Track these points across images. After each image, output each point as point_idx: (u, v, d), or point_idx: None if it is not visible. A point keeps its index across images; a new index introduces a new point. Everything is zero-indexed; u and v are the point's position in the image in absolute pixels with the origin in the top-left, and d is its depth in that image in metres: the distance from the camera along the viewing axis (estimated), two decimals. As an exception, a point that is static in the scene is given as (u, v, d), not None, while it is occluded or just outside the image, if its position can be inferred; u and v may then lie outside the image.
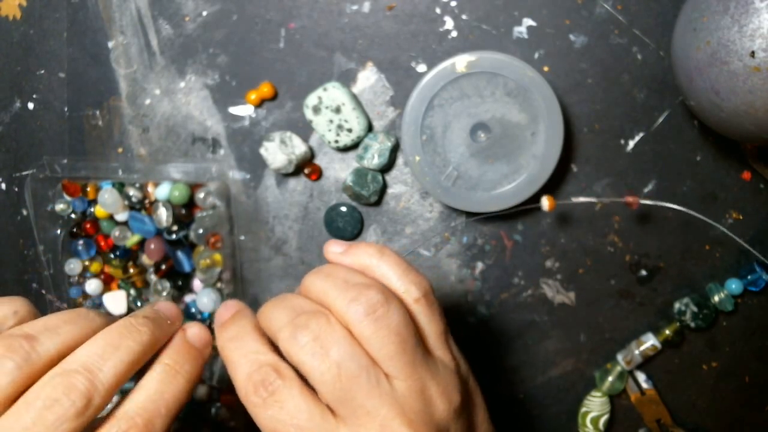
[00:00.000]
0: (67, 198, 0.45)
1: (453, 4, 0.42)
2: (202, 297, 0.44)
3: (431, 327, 0.30)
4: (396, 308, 0.28)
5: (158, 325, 0.30)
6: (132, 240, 0.44)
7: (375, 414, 0.27)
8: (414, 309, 0.30)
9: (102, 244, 0.45)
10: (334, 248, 0.32)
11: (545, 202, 0.39)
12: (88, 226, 0.45)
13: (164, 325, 0.31)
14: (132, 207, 0.44)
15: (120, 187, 0.44)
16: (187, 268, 0.45)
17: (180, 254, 0.44)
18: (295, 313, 0.29)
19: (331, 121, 0.42)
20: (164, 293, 0.44)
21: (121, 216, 0.44)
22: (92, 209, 0.45)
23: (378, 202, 0.45)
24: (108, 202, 0.43)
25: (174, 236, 0.43)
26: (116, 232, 0.44)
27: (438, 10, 0.43)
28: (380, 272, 0.31)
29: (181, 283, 0.45)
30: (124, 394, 0.29)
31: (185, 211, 0.44)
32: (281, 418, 0.27)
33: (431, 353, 0.30)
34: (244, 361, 0.29)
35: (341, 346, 0.28)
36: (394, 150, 0.43)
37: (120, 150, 0.45)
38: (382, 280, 0.31)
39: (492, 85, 0.39)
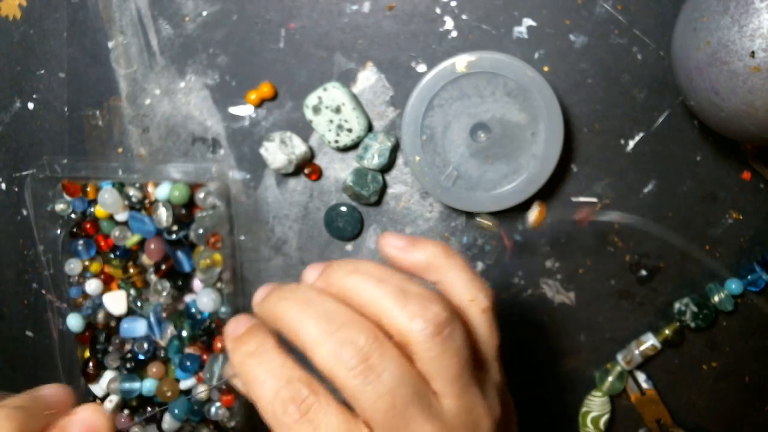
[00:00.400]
0: (67, 198, 0.45)
1: (453, 4, 0.42)
2: (202, 297, 0.44)
3: (491, 340, 0.28)
4: (460, 327, 0.26)
5: (31, 416, 0.25)
6: (132, 240, 0.44)
7: None
8: (478, 320, 0.28)
9: (102, 244, 0.45)
10: (395, 242, 0.29)
11: (533, 214, 0.38)
12: (88, 226, 0.45)
13: (39, 415, 0.26)
14: (132, 207, 0.44)
15: (120, 187, 0.44)
16: (187, 268, 0.45)
17: (180, 254, 0.44)
18: (334, 324, 0.25)
19: (331, 121, 0.42)
20: (164, 293, 0.44)
21: (121, 216, 0.44)
22: (92, 209, 0.45)
23: (378, 202, 0.45)
24: (108, 202, 0.43)
25: (174, 236, 0.43)
26: (116, 232, 0.44)
27: (438, 10, 0.43)
28: (447, 275, 0.28)
29: (181, 283, 0.45)
30: None
31: (185, 211, 0.44)
32: None
33: (482, 368, 0.28)
34: (270, 376, 0.26)
35: (394, 368, 0.24)
36: (394, 150, 0.43)
37: (120, 150, 0.45)
38: (447, 285, 0.28)
39: (492, 85, 0.39)
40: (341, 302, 0.26)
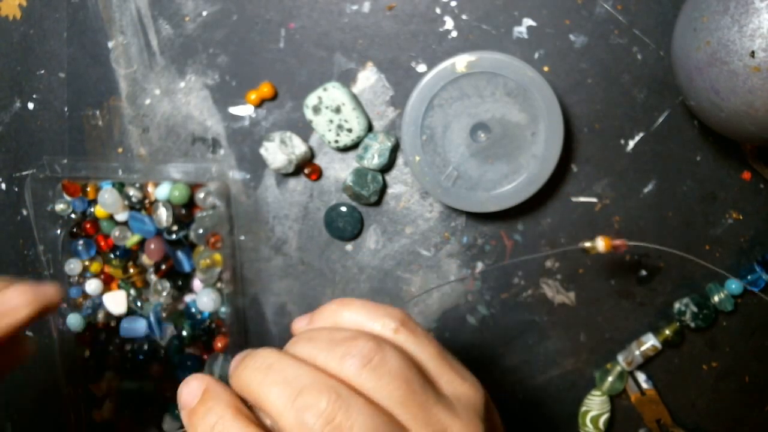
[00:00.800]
0: (67, 198, 0.45)
1: (453, 4, 0.42)
2: (202, 297, 0.44)
3: (424, 352, 0.28)
4: (391, 350, 0.26)
5: None
6: (132, 240, 0.44)
7: None
8: (399, 341, 0.28)
9: (102, 244, 0.45)
10: (300, 323, 0.30)
11: (600, 243, 0.36)
12: (88, 226, 0.45)
13: None
14: (132, 207, 0.44)
15: (120, 186, 0.44)
16: (187, 268, 0.45)
17: (180, 254, 0.44)
18: (294, 388, 0.25)
19: (331, 121, 0.42)
20: (164, 293, 0.44)
21: (121, 216, 0.44)
22: (92, 209, 0.45)
23: (378, 202, 0.45)
24: (108, 202, 0.43)
25: (174, 236, 0.43)
26: (116, 232, 0.44)
27: (438, 10, 0.43)
28: (350, 321, 0.28)
29: (181, 283, 0.45)
30: None
31: (185, 211, 0.44)
32: None
33: (438, 386, 0.28)
34: None
35: (362, 421, 0.24)
36: (394, 150, 0.43)
37: (120, 150, 0.45)
38: (356, 328, 0.28)
39: (492, 85, 0.39)
40: (303, 364, 0.26)
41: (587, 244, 0.36)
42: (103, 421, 0.46)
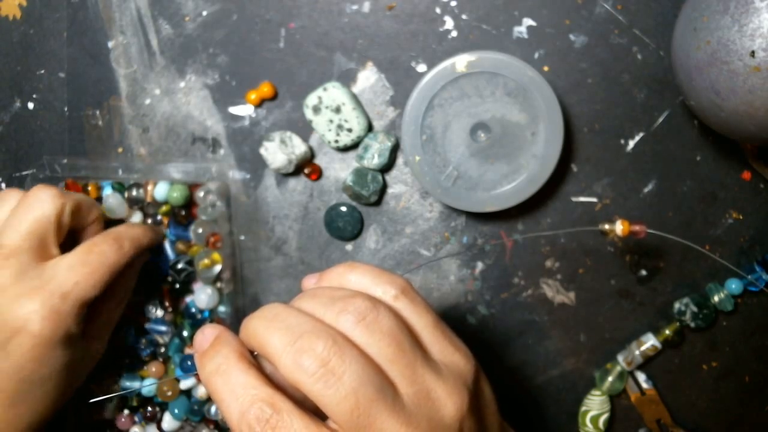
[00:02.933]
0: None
1: (453, 4, 0.42)
2: (200, 294, 0.44)
3: (421, 321, 0.30)
4: (385, 311, 0.28)
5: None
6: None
7: None
8: (397, 307, 0.29)
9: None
10: (309, 281, 0.32)
11: (619, 226, 0.36)
12: None
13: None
14: (139, 207, 0.44)
15: (120, 187, 0.44)
16: (171, 255, 0.45)
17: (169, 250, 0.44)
18: (295, 333, 0.27)
19: (331, 121, 0.42)
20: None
21: (136, 218, 0.44)
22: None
23: (378, 202, 0.45)
24: (113, 207, 0.43)
25: (180, 276, 0.44)
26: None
27: (438, 10, 0.43)
28: (354, 284, 0.30)
29: (179, 287, 0.45)
30: None
31: (185, 212, 0.44)
32: None
33: (429, 353, 0.29)
34: (233, 398, 0.27)
35: (354, 369, 0.26)
36: (394, 150, 0.43)
37: (120, 150, 0.45)
38: (360, 290, 0.30)
39: (492, 85, 0.39)
40: (306, 315, 0.28)
41: (606, 227, 0.36)
42: (103, 421, 0.46)
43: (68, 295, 0.35)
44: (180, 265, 0.44)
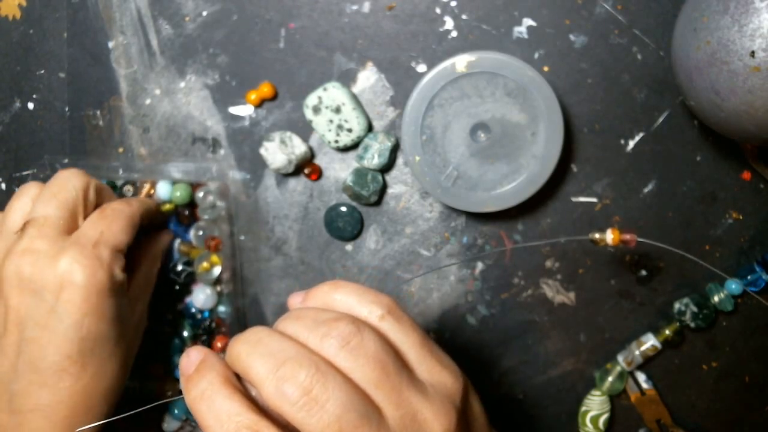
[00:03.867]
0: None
1: (453, 4, 0.42)
2: (198, 294, 0.44)
3: (407, 340, 0.29)
4: (369, 334, 0.28)
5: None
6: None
7: None
8: (383, 328, 0.29)
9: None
10: (294, 299, 0.32)
11: (609, 236, 0.36)
12: None
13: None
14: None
15: (113, 185, 0.44)
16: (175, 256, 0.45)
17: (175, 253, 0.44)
18: (278, 360, 0.26)
19: (331, 121, 0.42)
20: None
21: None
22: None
23: (378, 202, 0.45)
24: None
25: (181, 277, 0.44)
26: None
27: (438, 10, 0.43)
28: (340, 304, 0.30)
29: (179, 288, 0.45)
30: None
31: (188, 212, 0.44)
32: None
33: (415, 373, 0.29)
34: (218, 424, 0.26)
35: (337, 397, 0.26)
36: (394, 150, 0.43)
37: (120, 150, 0.45)
38: (345, 310, 0.30)
39: (492, 85, 0.39)
40: (289, 339, 0.28)
41: (597, 236, 0.36)
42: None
43: (99, 242, 0.36)
44: (179, 267, 0.44)
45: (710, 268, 0.37)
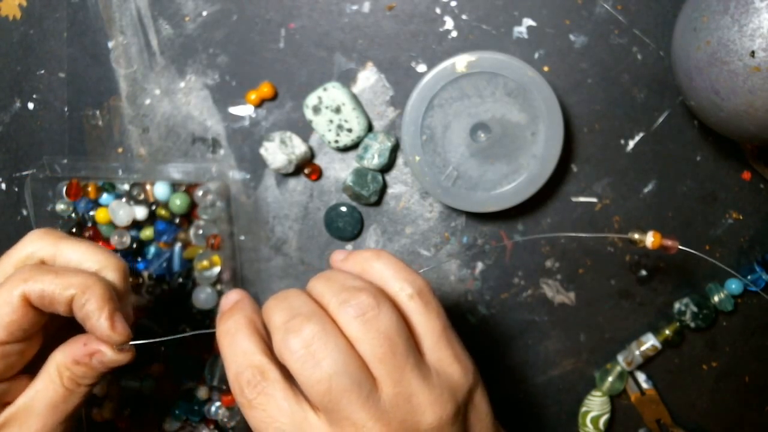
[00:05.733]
0: (67, 200, 0.44)
1: (453, 4, 0.42)
2: (198, 294, 0.44)
3: (428, 326, 0.30)
4: (387, 311, 0.28)
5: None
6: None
7: (360, 426, 0.27)
8: (409, 307, 0.30)
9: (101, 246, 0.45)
10: (337, 256, 0.33)
11: (650, 239, 0.35)
12: (88, 235, 0.44)
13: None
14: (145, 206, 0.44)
15: (110, 186, 0.44)
16: (177, 266, 0.45)
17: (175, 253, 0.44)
18: (292, 314, 0.29)
19: (331, 121, 0.42)
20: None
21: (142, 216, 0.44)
22: (92, 212, 0.44)
23: (378, 202, 0.45)
24: (121, 215, 0.43)
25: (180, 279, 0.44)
26: (115, 237, 0.44)
27: (438, 10, 0.43)
28: (376, 273, 0.31)
29: (178, 291, 0.45)
30: None
31: (183, 218, 0.44)
32: (264, 419, 0.28)
33: (426, 358, 0.30)
34: (233, 359, 0.29)
35: (334, 358, 0.27)
36: (394, 150, 0.43)
37: (120, 150, 0.45)
38: (379, 280, 0.31)
39: (492, 85, 0.39)
40: (307, 297, 0.30)
41: (636, 236, 0.35)
42: (103, 421, 0.46)
43: None
44: (180, 280, 0.44)
45: (729, 270, 0.37)
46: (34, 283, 0.30)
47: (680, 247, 0.35)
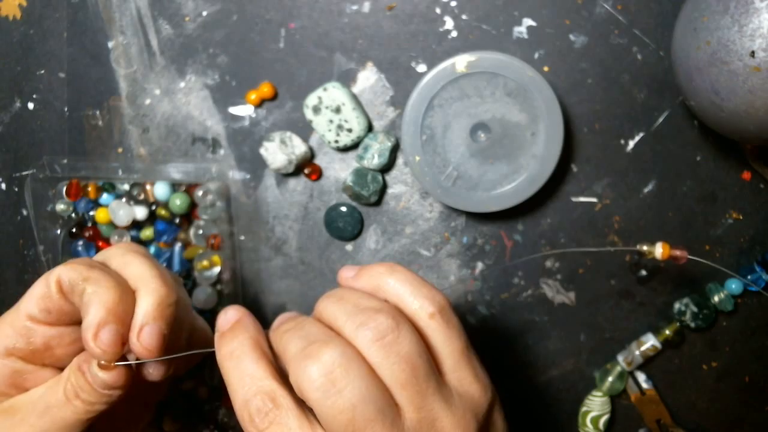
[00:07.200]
0: (67, 200, 0.44)
1: (453, 4, 0.42)
2: (198, 294, 0.44)
3: (448, 346, 0.29)
4: (407, 334, 0.27)
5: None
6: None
7: None
8: (428, 326, 0.28)
9: (101, 245, 0.45)
10: (347, 273, 0.31)
11: (659, 250, 0.34)
12: (88, 234, 0.44)
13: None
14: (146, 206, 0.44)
15: (110, 186, 0.44)
16: (177, 267, 0.45)
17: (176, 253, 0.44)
18: (308, 340, 0.27)
19: (331, 121, 0.42)
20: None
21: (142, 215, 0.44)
22: (92, 212, 0.44)
23: (378, 202, 0.45)
24: (120, 215, 0.43)
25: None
26: (115, 237, 0.44)
27: (438, 10, 0.43)
28: (392, 290, 0.29)
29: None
30: None
31: (179, 220, 0.44)
32: None
33: (446, 378, 0.28)
34: (240, 385, 0.27)
35: (357, 385, 0.25)
36: (394, 150, 0.43)
37: (120, 150, 0.45)
38: (395, 298, 0.29)
39: (492, 85, 0.39)
40: (323, 326, 0.28)
41: (644, 248, 0.34)
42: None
43: None
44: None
45: (729, 272, 0.37)
46: (67, 268, 0.30)
47: (689, 257, 0.34)
